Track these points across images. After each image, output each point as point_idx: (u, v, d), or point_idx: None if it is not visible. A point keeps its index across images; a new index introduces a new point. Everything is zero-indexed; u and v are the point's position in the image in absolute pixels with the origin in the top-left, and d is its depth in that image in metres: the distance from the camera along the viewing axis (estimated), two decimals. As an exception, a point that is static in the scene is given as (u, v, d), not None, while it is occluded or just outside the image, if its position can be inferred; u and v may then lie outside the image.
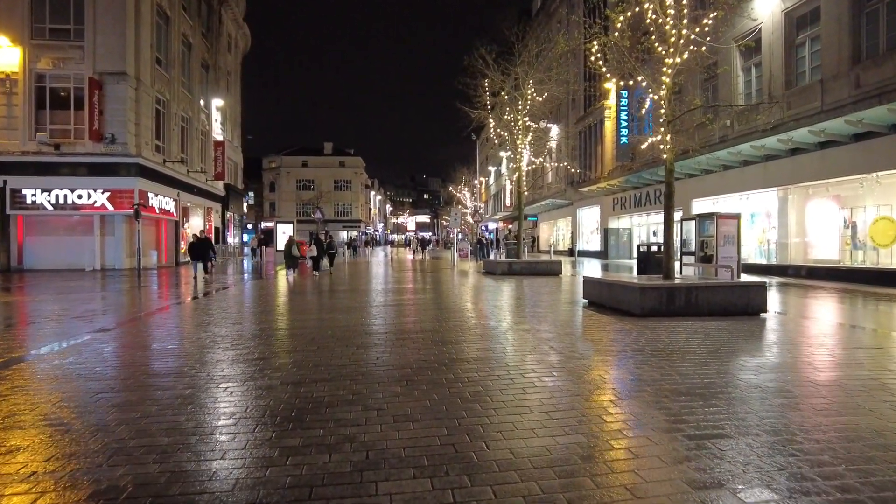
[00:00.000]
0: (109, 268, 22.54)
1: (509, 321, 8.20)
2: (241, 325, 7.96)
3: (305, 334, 7.12)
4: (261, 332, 7.32)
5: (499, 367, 5.21)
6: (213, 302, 11.22)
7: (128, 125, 22.13)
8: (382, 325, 7.88)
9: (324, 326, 7.76)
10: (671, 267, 10.07)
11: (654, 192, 25.73)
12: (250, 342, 6.55)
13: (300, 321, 8.38)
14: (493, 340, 6.60)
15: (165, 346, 6.42)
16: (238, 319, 8.53)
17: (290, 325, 8.01)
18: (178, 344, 6.57)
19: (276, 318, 8.60)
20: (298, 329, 7.58)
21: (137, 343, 6.67)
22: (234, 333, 7.17)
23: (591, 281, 10.69)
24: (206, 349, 6.16)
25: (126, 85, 22.02)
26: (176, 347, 6.36)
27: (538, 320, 8.25)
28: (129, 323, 8.19)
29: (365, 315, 8.88)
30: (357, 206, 79.34)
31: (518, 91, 19.62)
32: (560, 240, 40.49)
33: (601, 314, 9.04)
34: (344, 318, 8.49)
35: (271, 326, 7.80)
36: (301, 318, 8.67)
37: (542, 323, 8.00)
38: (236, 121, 40.79)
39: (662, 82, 10.29)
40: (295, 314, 9.25)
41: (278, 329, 7.58)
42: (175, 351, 6.14)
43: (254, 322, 8.27)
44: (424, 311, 9.33)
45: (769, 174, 18.43)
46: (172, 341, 6.76)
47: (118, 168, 22.01)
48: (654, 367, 5.20)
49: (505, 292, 12.79)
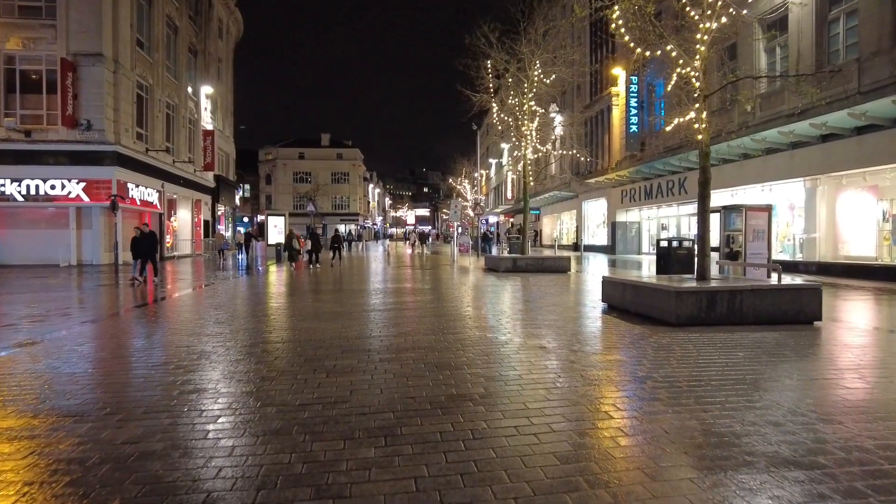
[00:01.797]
0: (87, 263, 21.13)
1: (521, 334, 6.79)
2: (191, 336, 6.56)
3: (269, 354, 5.71)
4: (211, 351, 5.92)
5: (515, 411, 3.81)
6: (173, 306, 9.82)
7: (105, 110, 20.65)
8: (367, 339, 6.48)
9: (296, 341, 6.36)
10: (707, 266, 8.67)
11: (667, 184, 24.28)
12: (190, 363, 5.15)
13: (268, 334, 6.97)
14: (503, 364, 5.20)
15: (57, 377, 5.02)
16: (192, 329, 7.14)
17: (256, 339, 6.60)
18: (78, 376, 5.17)
19: (239, 331, 7.19)
20: (262, 346, 6.17)
21: (39, 369, 5.26)
22: (171, 352, 5.78)
23: (613, 282, 9.28)
24: (114, 384, 4.76)
25: (102, 67, 20.51)
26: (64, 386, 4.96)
27: (555, 332, 6.85)
28: (62, 333, 6.79)
29: (349, 324, 7.48)
30: (355, 199, 77.81)
31: (523, 73, 18.13)
32: (564, 234, 39.07)
33: (628, 322, 7.64)
34: (323, 330, 7.08)
35: (229, 342, 6.39)
36: (271, 330, 7.26)
37: (561, 335, 6.60)
38: (228, 110, 39.25)
39: (697, 51, 8.85)
40: (266, 323, 7.84)
41: (237, 346, 6.17)
42: (56, 391, 4.74)
43: (208, 334, 6.87)
44: (420, 320, 7.92)
45: (796, 163, 16.97)
46: (78, 367, 5.35)
47: (94, 156, 20.54)
48: (728, 408, 3.80)
49: (511, 293, 11.38)
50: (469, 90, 18.95)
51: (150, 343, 6.34)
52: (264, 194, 77.46)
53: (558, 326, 7.27)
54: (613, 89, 29.29)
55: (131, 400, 4.10)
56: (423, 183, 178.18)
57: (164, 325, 7.56)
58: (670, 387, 4.36)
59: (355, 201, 77.77)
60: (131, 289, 12.49)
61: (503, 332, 6.79)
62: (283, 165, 75.32)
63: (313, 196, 59.80)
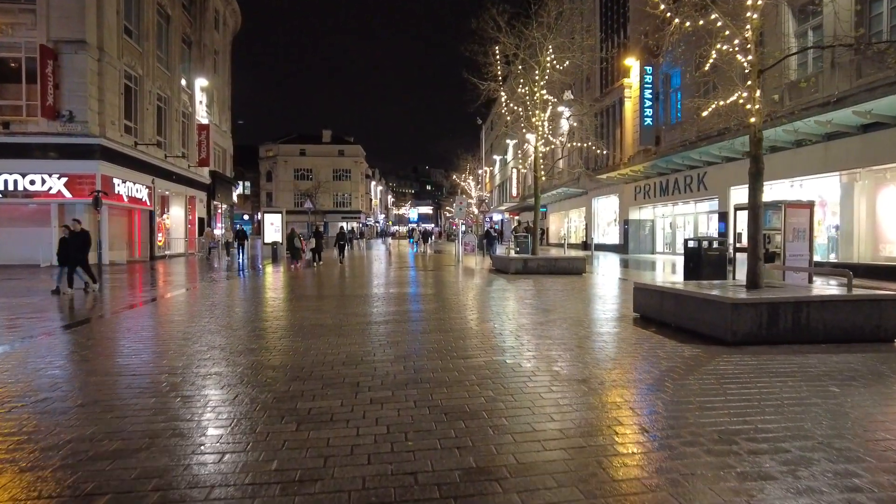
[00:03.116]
0: (70, 263, 19.91)
1: (548, 359, 5.52)
2: (118, 363, 5.33)
3: (226, 392, 4.46)
4: (142, 388, 4.67)
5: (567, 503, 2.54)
6: (110, 326, 8.59)
7: (89, 101, 19.42)
8: (359, 364, 5.23)
9: (268, 368, 5.11)
10: (760, 272, 7.36)
11: (685, 179, 22.93)
12: (93, 407, 3.90)
13: (233, 359, 5.72)
14: (535, 410, 3.92)
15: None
16: (125, 352, 5.90)
17: (215, 367, 5.35)
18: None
19: (197, 355, 5.94)
20: (221, 378, 4.92)
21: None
22: (69, 393, 4.53)
23: (648, 290, 7.99)
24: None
25: (86, 55, 19.27)
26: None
27: (591, 357, 5.58)
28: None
29: (339, 343, 6.22)
30: (357, 197, 76.56)
31: (534, 59, 16.82)
32: (572, 232, 37.74)
33: (672, 340, 6.36)
34: (306, 351, 5.84)
35: (177, 372, 5.14)
36: (238, 352, 6.00)
37: (599, 361, 5.33)
38: (225, 104, 38.00)
39: (748, 20, 7.55)
40: (234, 343, 6.58)
41: (186, 379, 4.92)
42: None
43: (145, 361, 5.62)
44: (423, 337, 6.66)
45: (831, 156, 15.63)
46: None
47: (77, 150, 19.31)
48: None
49: (525, 300, 10.10)
50: (476, 77, 17.65)
51: (56, 381, 5.10)
52: (265, 191, 76.28)
53: (593, 348, 6.00)
54: (626, 81, 27.93)
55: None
56: (425, 181, 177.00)
57: (90, 352, 6.32)
58: (775, 452, 3.09)
59: (357, 199, 76.54)
60: (82, 294, 11.27)
61: (526, 357, 5.52)
62: (283, 162, 74.12)
63: (312, 193, 58.45)
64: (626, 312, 8.57)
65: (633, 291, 8.44)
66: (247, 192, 78.28)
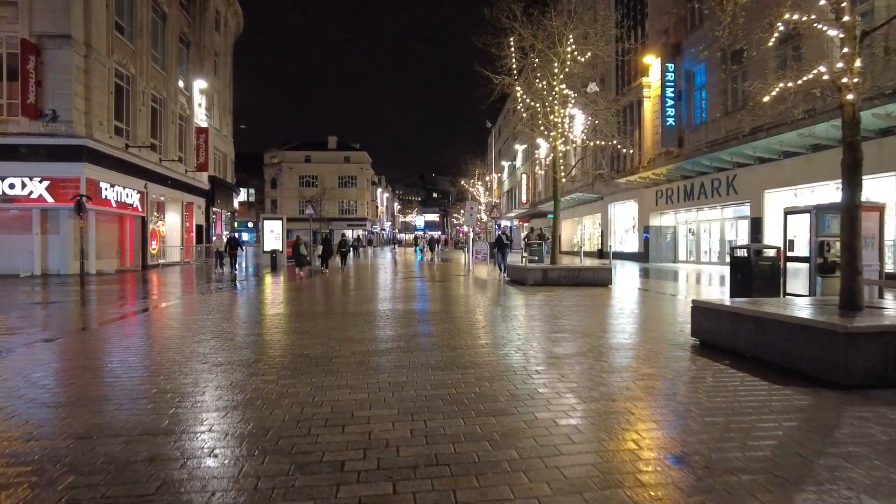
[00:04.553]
0: (53, 273, 18.61)
1: (607, 415, 3.99)
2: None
3: (136, 483, 2.96)
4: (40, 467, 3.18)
5: None
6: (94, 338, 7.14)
7: (74, 100, 18.16)
8: (347, 426, 3.73)
9: (218, 436, 3.61)
10: (859, 290, 5.79)
11: (712, 183, 21.34)
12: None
13: (174, 413, 4.23)
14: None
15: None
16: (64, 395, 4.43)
17: (146, 427, 3.87)
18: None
19: (107, 415, 4.46)
20: (147, 452, 3.42)
21: None
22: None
23: (715, 311, 6.44)
24: None
25: (71, 51, 18.04)
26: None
27: (667, 409, 4.05)
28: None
29: (324, 388, 4.73)
30: (363, 204, 75.32)
31: (553, 50, 15.38)
32: (585, 239, 36.13)
33: (759, 379, 4.82)
34: (280, 401, 4.35)
35: (51, 457, 3.66)
36: (182, 400, 4.52)
37: (684, 421, 3.79)
38: (226, 108, 36.85)
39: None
40: (181, 384, 5.10)
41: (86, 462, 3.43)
42: None
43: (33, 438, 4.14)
44: (432, 379, 5.15)
45: (886, 153, 14.04)
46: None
47: (61, 151, 18.04)
48: None
49: (553, 320, 8.57)
50: (489, 71, 16.21)
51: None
52: (269, 198, 75.25)
53: (664, 395, 4.46)
54: (644, 80, 26.46)
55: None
56: (432, 188, 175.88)
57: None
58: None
59: (363, 206, 75.30)
60: (104, 303, 9.86)
61: (581, 413, 3.99)
62: (288, 169, 73.03)
63: (317, 200, 57.16)
64: (680, 337, 7.03)
65: (691, 312, 6.89)
66: (251, 200, 77.28)
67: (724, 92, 20.96)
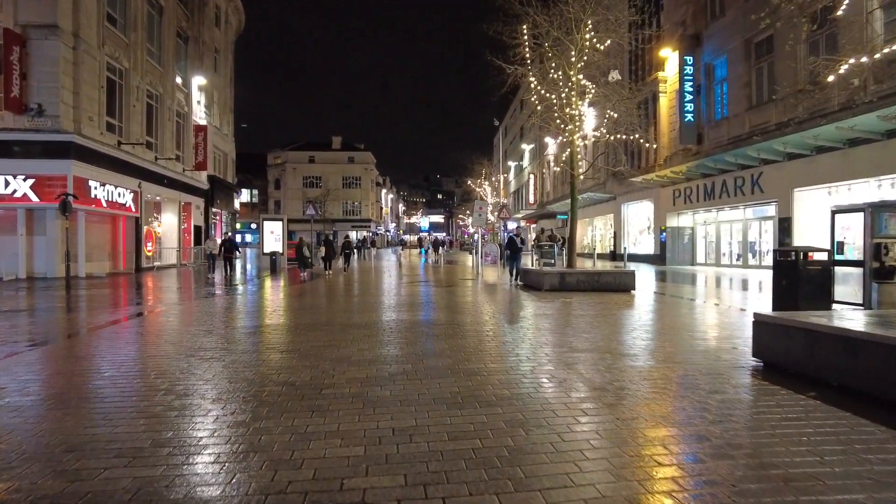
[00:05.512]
0: (39, 276, 17.64)
1: (707, 487, 2.89)
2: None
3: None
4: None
5: None
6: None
7: (61, 93, 17.18)
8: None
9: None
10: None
11: (735, 181, 20.15)
12: None
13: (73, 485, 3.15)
14: None
15: None
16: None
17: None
18: None
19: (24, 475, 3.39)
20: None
21: None
22: None
23: (785, 327, 5.31)
24: None
25: (58, 41, 17.06)
26: None
27: (760, 462, 2.94)
28: None
29: (298, 440, 3.66)
30: (367, 205, 74.34)
31: (570, 37, 14.28)
32: (597, 241, 34.94)
33: (866, 420, 3.69)
34: (236, 459, 3.28)
35: None
36: (96, 463, 3.45)
37: (786, 484, 2.68)
38: (227, 106, 35.89)
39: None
40: (119, 428, 4.03)
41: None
42: None
43: None
44: (449, 423, 4.05)
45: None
46: None
47: (46, 148, 17.05)
48: None
49: (583, 337, 7.45)
50: (500, 61, 15.12)
51: None
52: (273, 199, 74.39)
53: (740, 444, 3.35)
54: (660, 74, 25.30)
55: None
56: (437, 189, 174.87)
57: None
58: None
59: (367, 207, 74.32)
60: (75, 311, 8.82)
61: (661, 485, 2.89)
62: (292, 169, 72.16)
63: (316, 200, 56.05)
64: (736, 356, 5.91)
65: (752, 327, 5.76)
66: (254, 201, 76.46)
67: (747, 85, 19.79)
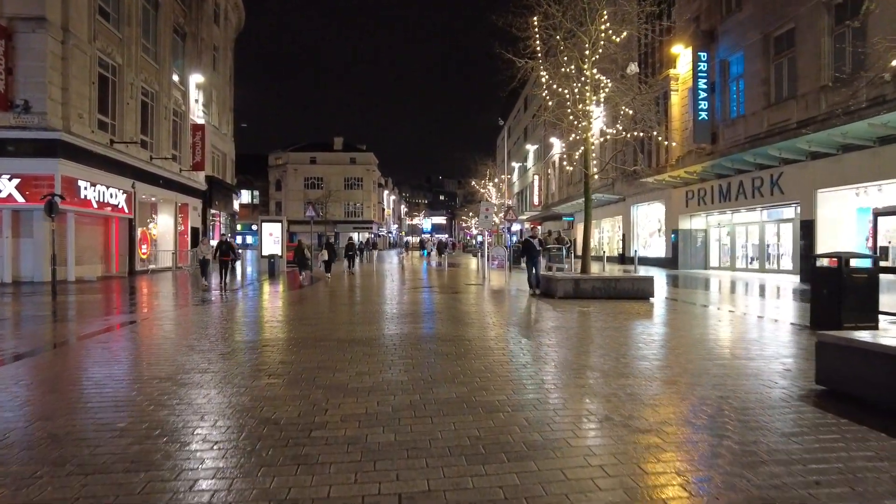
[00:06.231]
0: (26, 280, 16.87)
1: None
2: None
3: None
4: None
5: None
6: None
7: (49, 89, 16.43)
8: None
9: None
10: None
11: (753, 182, 19.27)
12: None
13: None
14: None
15: None
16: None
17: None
18: None
19: None
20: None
21: None
22: None
23: (855, 350, 4.46)
24: None
25: (45, 34, 16.32)
26: None
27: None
28: None
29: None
30: (369, 206, 73.58)
31: (583, 28, 13.45)
32: (604, 243, 34.06)
33: None
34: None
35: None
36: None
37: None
38: (226, 105, 35.17)
39: None
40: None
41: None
42: None
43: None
44: (466, 496, 3.22)
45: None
46: None
47: (33, 146, 16.31)
48: None
49: (612, 354, 6.61)
50: (509, 54, 14.30)
51: None
52: (274, 201, 73.66)
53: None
54: (672, 72, 24.44)
55: None
56: (439, 190, 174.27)
57: None
58: None
59: (369, 208, 73.56)
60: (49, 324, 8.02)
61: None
62: (293, 170, 71.43)
63: (315, 201, 55.25)
64: (791, 381, 5.07)
65: (816, 350, 4.92)
66: (255, 202, 75.75)
67: (766, 81, 18.93)
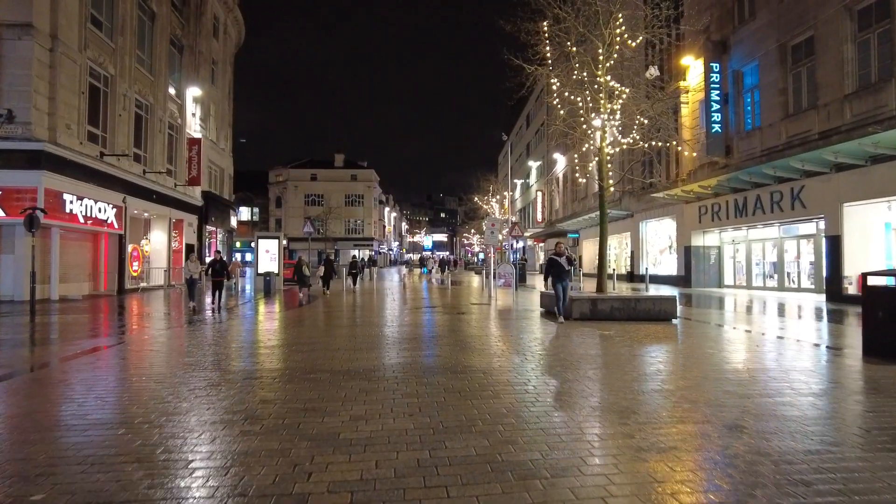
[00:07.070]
0: (6, 299, 15.91)
1: None
2: None
3: None
4: None
5: None
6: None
7: (34, 98, 15.68)
8: None
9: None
10: None
11: (771, 196, 18.38)
12: None
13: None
14: None
15: None
16: None
17: None
18: None
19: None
20: None
21: None
22: None
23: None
24: None
25: (32, 42, 15.62)
26: None
27: None
28: None
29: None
30: (370, 223, 72.82)
31: (596, 33, 12.71)
32: (612, 260, 33.07)
33: None
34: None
35: None
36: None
37: None
38: (224, 120, 34.57)
39: None
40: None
41: None
42: None
43: None
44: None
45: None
46: None
47: (16, 157, 15.49)
48: None
49: (648, 393, 5.63)
50: (517, 60, 13.54)
51: None
52: (274, 217, 72.96)
53: None
54: (682, 83, 23.77)
55: None
56: (440, 208, 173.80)
57: None
58: None
59: (370, 225, 72.79)
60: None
61: None
62: (294, 187, 70.86)
63: (320, 218, 54.56)
64: (876, 424, 4.08)
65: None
66: (255, 219, 75.03)
67: (783, 91, 18.17)
